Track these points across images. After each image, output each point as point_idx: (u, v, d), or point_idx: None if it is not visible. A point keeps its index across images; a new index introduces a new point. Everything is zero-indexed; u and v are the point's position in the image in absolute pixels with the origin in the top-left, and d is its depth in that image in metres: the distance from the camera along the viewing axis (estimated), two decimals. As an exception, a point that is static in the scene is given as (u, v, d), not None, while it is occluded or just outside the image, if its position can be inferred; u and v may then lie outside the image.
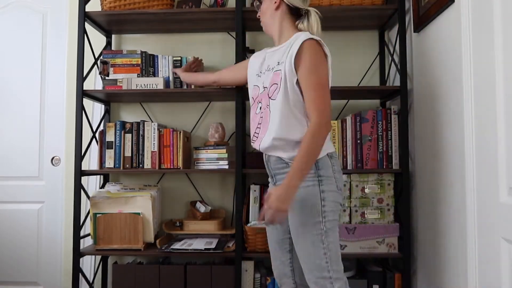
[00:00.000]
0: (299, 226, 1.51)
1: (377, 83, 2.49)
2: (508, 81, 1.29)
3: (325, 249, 1.48)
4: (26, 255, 2.59)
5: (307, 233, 1.49)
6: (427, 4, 1.88)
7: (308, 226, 1.49)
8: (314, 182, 1.50)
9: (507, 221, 1.29)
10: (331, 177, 1.52)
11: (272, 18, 1.64)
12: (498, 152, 1.33)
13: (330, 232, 1.50)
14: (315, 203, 1.49)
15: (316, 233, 1.48)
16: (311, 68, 1.48)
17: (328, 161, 1.53)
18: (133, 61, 2.30)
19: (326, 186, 1.50)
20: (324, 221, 1.49)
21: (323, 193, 1.50)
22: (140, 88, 2.23)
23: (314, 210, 1.49)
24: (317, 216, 1.49)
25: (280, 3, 1.61)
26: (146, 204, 2.19)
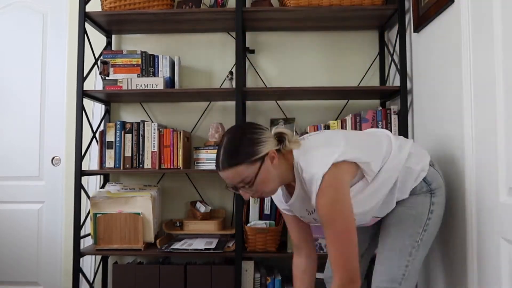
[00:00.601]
0: (393, 231, 1.42)
1: (377, 83, 2.49)
2: (508, 81, 1.29)
3: (409, 262, 1.40)
4: (26, 255, 2.59)
5: (399, 238, 1.41)
6: (427, 4, 1.88)
7: (405, 233, 1.41)
8: (425, 194, 1.43)
9: (507, 221, 1.29)
10: (441, 185, 1.46)
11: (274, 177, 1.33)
12: (498, 152, 1.33)
13: (423, 246, 1.42)
14: (421, 212, 1.41)
15: (409, 243, 1.40)
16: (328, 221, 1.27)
17: (434, 171, 1.45)
18: (133, 61, 2.30)
19: (437, 198, 1.44)
20: (423, 234, 1.41)
21: (433, 205, 1.43)
22: (140, 88, 2.23)
23: (417, 220, 1.41)
24: (418, 226, 1.41)
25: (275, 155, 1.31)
26: (146, 204, 2.19)
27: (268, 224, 2.17)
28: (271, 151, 1.29)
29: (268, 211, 2.24)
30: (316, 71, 2.51)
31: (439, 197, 1.45)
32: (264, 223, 2.19)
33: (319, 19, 2.29)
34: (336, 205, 1.26)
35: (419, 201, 1.42)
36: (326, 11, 2.17)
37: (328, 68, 2.50)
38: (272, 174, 1.30)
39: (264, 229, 2.12)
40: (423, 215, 1.41)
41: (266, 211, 2.25)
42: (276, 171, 1.32)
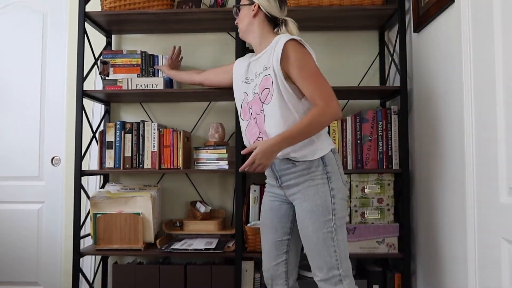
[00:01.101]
0: (310, 224, 1.52)
1: (377, 83, 2.49)
2: (508, 81, 1.29)
3: (335, 246, 1.51)
4: (26, 255, 2.59)
5: (318, 231, 1.51)
6: (427, 4, 1.88)
7: (319, 224, 1.51)
8: (323, 180, 1.54)
9: (507, 221, 1.29)
10: (336, 172, 1.56)
11: (251, 25, 1.66)
12: (498, 152, 1.33)
13: (340, 229, 1.53)
14: (325, 200, 1.52)
15: (327, 231, 1.51)
16: (300, 64, 1.52)
17: (332, 156, 1.57)
18: (133, 61, 2.30)
19: (334, 183, 1.54)
20: (334, 219, 1.52)
21: (333, 190, 1.53)
22: (140, 88, 2.23)
23: (324, 208, 1.51)
24: (327, 214, 1.51)
25: (258, 11, 1.64)
26: (146, 204, 2.19)
27: (268, 224, 2.17)
28: (257, 3, 1.64)
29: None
30: (316, 71, 2.51)
31: (336, 182, 1.55)
32: (264, 223, 2.18)
33: (319, 19, 2.29)
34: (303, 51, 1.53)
35: (319, 190, 1.53)
36: (326, 11, 2.17)
37: (328, 68, 2.50)
38: (248, 18, 1.66)
39: (264, 229, 2.12)
40: (327, 202, 1.52)
41: (266, 211, 2.24)
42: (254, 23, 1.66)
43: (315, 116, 1.48)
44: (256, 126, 1.62)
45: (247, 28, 1.68)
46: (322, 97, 1.49)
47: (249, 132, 1.65)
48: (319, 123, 1.49)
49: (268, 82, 1.56)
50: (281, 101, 1.53)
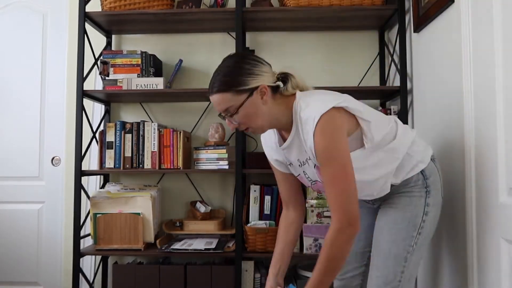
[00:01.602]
0: (387, 235, 1.37)
1: (377, 83, 2.49)
2: (508, 81, 1.29)
3: (405, 267, 1.34)
4: (26, 255, 2.59)
5: (393, 245, 1.35)
6: (427, 4, 1.88)
7: (399, 238, 1.35)
8: (421, 193, 1.36)
9: (507, 221, 1.29)
10: (438, 183, 1.39)
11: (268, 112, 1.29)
12: (498, 152, 1.33)
13: (418, 250, 1.36)
14: (415, 215, 1.35)
15: (403, 248, 1.34)
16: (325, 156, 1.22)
17: (433, 166, 1.40)
18: (133, 61, 2.30)
19: (432, 199, 1.37)
20: (418, 238, 1.35)
21: (428, 206, 1.36)
22: (140, 88, 2.23)
23: (411, 223, 1.34)
24: (412, 230, 1.34)
25: (266, 91, 1.27)
26: (146, 204, 2.19)
27: (268, 224, 2.17)
28: (262, 85, 1.25)
29: (268, 211, 2.24)
30: (316, 71, 2.51)
31: (434, 197, 1.38)
32: (264, 223, 2.19)
33: (319, 19, 2.29)
34: (333, 143, 1.21)
35: (413, 202, 1.36)
36: (326, 11, 2.17)
37: (328, 68, 2.50)
38: (260, 109, 1.26)
39: (264, 229, 2.12)
40: (418, 217, 1.35)
41: (266, 211, 2.25)
42: (267, 109, 1.27)
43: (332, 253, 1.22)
44: None
45: (270, 118, 1.29)
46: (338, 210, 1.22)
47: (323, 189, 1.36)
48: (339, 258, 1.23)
49: None
50: None
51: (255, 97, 1.25)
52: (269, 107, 1.28)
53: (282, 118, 1.31)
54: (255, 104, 1.25)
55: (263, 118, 1.28)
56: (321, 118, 1.20)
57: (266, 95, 1.26)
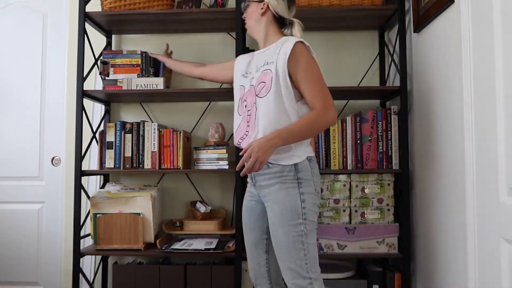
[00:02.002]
0: (280, 227, 1.52)
1: (377, 83, 2.49)
2: (508, 81, 1.29)
3: (305, 250, 1.51)
4: (26, 255, 2.59)
5: (288, 234, 1.51)
6: (427, 4, 1.88)
7: (289, 227, 1.51)
8: (293, 185, 1.54)
9: (507, 221, 1.29)
10: (309, 180, 1.56)
11: (258, 22, 1.68)
12: (498, 152, 1.33)
13: (310, 233, 1.52)
14: (295, 204, 1.52)
15: (297, 234, 1.50)
16: (308, 67, 1.55)
17: (307, 164, 1.57)
18: (133, 61, 2.29)
19: (305, 189, 1.54)
20: (305, 223, 1.52)
21: (303, 195, 1.53)
22: (140, 88, 2.23)
23: (294, 212, 1.51)
24: (297, 217, 1.51)
25: (266, 10, 1.66)
26: (146, 204, 2.19)
27: (268, 224, 2.17)
28: (266, 3, 1.65)
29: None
30: (316, 71, 2.51)
31: (306, 187, 1.54)
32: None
33: (319, 19, 2.29)
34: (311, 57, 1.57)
35: (289, 194, 1.53)
36: (326, 11, 2.17)
37: (328, 68, 2.50)
38: (256, 16, 1.68)
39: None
40: (297, 206, 1.52)
41: (266, 211, 2.24)
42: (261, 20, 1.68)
43: (314, 118, 1.51)
44: (245, 122, 1.63)
45: (255, 25, 1.70)
46: (322, 102, 1.52)
47: (238, 129, 1.66)
48: (317, 127, 1.52)
49: (267, 77, 1.57)
50: (277, 98, 1.54)
51: (258, 5, 1.67)
52: (263, 22, 1.68)
53: (269, 38, 1.68)
54: (255, 10, 1.68)
55: (254, 23, 1.69)
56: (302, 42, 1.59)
57: (264, 10, 1.66)
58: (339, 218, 2.13)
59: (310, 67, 1.55)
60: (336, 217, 2.13)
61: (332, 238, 2.10)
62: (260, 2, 1.67)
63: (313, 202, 1.55)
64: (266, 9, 1.66)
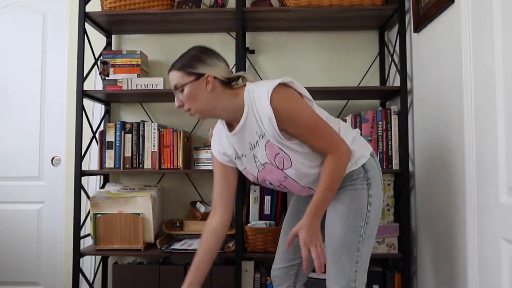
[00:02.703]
0: (339, 228, 1.43)
1: (377, 83, 2.49)
2: (508, 81, 1.29)
3: (358, 257, 1.42)
4: (26, 255, 2.59)
5: (345, 236, 1.42)
6: (427, 4, 1.88)
7: (349, 230, 1.42)
8: (363, 186, 1.45)
9: (507, 221, 1.29)
10: (377, 176, 1.48)
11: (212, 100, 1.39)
12: (498, 152, 1.33)
13: (367, 240, 1.44)
14: (361, 206, 1.43)
15: (355, 239, 1.41)
16: (294, 120, 1.35)
17: (373, 161, 1.49)
18: (133, 61, 2.29)
19: (374, 190, 1.45)
20: (366, 227, 1.43)
21: (371, 197, 1.45)
22: (140, 88, 2.23)
23: (358, 214, 1.42)
24: (360, 220, 1.42)
25: (213, 81, 1.38)
26: (146, 204, 2.19)
27: (268, 224, 2.17)
28: (208, 74, 1.38)
29: (268, 211, 2.24)
30: (316, 71, 2.51)
31: (375, 188, 1.46)
32: (264, 223, 2.19)
33: (319, 19, 2.29)
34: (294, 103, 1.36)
35: (357, 195, 1.44)
36: (326, 11, 2.17)
37: (328, 68, 2.50)
38: (201, 94, 1.38)
39: (264, 229, 2.12)
40: (363, 208, 1.43)
41: (266, 211, 2.25)
42: (212, 96, 1.39)
43: (334, 171, 1.37)
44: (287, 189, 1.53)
45: (209, 106, 1.40)
46: (330, 147, 1.38)
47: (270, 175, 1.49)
48: (340, 176, 1.39)
49: (275, 148, 1.40)
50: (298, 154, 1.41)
51: (200, 82, 1.38)
52: (215, 96, 1.39)
53: (231, 108, 1.42)
54: (198, 88, 1.38)
55: (203, 103, 1.40)
56: (274, 91, 1.34)
57: (210, 84, 1.38)
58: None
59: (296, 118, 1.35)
60: (336, 217, 2.12)
61: (332, 238, 2.09)
62: (201, 77, 1.37)
63: (379, 206, 1.46)
64: (213, 81, 1.38)
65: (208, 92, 1.38)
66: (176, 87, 1.40)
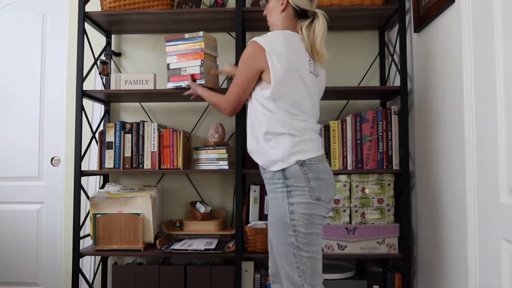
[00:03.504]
0: (272, 237, 1.50)
1: (377, 83, 2.49)
2: (508, 81, 1.29)
3: (298, 263, 1.44)
4: (26, 255, 2.59)
5: (279, 245, 1.47)
6: (427, 4, 1.87)
7: (279, 238, 1.46)
8: (283, 194, 1.47)
9: (507, 221, 1.28)
10: (303, 186, 1.45)
11: (277, 19, 1.63)
12: (498, 152, 1.33)
13: (304, 246, 1.44)
14: (283, 216, 1.45)
15: (288, 247, 1.45)
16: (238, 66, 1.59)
17: (298, 170, 1.46)
18: (196, 45, 2.06)
19: (295, 198, 1.44)
20: (295, 235, 1.43)
21: (292, 205, 1.44)
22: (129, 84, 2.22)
23: (283, 224, 1.45)
24: (286, 229, 1.45)
25: (286, 5, 1.60)
26: (146, 205, 2.19)
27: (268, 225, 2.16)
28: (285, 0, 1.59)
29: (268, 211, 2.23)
30: (316, 71, 2.50)
31: (297, 197, 1.44)
32: (264, 223, 2.19)
33: (319, 19, 2.28)
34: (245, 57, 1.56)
35: (279, 203, 1.47)
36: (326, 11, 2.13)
37: (328, 68, 2.50)
38: (275, 11, 1.63)
39: (264, 229, 2.11)
40: (286, 218, 1.44)
41: (266, 211, 2.24)
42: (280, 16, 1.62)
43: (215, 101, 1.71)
44: None
45: (275, 22, 1.66)
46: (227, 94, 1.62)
47: None
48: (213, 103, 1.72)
49: None
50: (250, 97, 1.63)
51: (278, 2, 1.62)
52: (283, 17, 1.62)
53: None
54: (275, 6, 1.63)
55: (273, 19, 1.66)
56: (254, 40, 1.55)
57: (283, 5, 1.60)
58: (339, 218, 2.12)
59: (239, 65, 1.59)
60: (336, 217, 2.12)
61: (332, 238, 2.10)
62: None
63: (305, 212, 1.44)
64: (287, 4, 1.60)
65: (280, 12, 1.62)
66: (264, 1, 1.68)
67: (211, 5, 2.32)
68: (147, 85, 2.23)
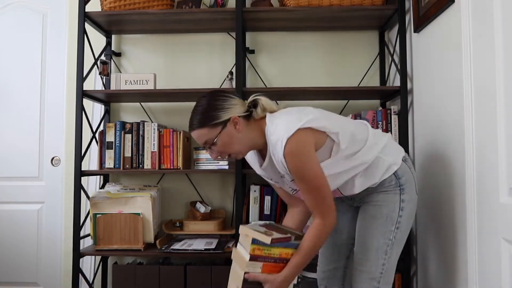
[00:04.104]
0: (369, 230, 1.46)
1: (377, 83, 2.49)
2: (508, 81, 1.29)
3: (385, 260, 1.44)
4: (26, 255, 2.59)
5: (374, 238, 1.45)
6: (427, 4, 1.87)
7: (378, 232, 1.44)
8: (395, 192, 1.46)
9: (507, 222, 1.28)
10: (411, 181, 1.47)
11: (243, 140, 1.41)
12: (498, 152, 1.33)
13: (397, 244, 1.46)
14: (392, 211, 1.44)
15: (384, 242, 1.44)
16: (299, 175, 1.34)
17: (405, 166, 1.48)
18: None
19: (407, 195, 1.46)
20: (396, 232, 1.44)
21: (403, 202, 1.45)
22: (129, 84, 2.22)
23: (389, 218, 1.44)
24: (390, 225, 1.44)
25: (239, 121, 1.39)
26: (146, 205, 2.19)
27: (268, 225, 2.16)
28: (233, 117, 1.38)
29: (268, 211, 2.24)
30: (316, 71, 2.51)
31: (409, 194, 1.46)
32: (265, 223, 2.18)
33: (319, 19, 2.29)
34: (303, 163, 1.32)
35: (389, 199, 1.45)
36: (326, 11, 2.17)
37: (328, 68, 2.50)
38: (236, 137, 1.39)
39: (264, 229, 2.11)
40: (394, 212, 1.44)
41: (266, 211, 2.24)
42: (242, 135, 1.40)
43: (316, 240, 1.36)
44: None
45: (246, 144, 1.42)
46: (319, 212, 1.36)
47: None
48: (320, 245, 1.39)
49: None
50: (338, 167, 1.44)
51: (229, 128, 1.39)
52: (244, 134, 1.41)
53: (259, 140, 1.43)
54: (229, 134, 1.39)
55: (240, 144, 1.41)
56: (288, 142, 1.31)
57: (238, 124, 1.39)
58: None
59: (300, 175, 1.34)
60: (336, 217, 2.12)
61: (332, 238, 2.09)
62: (227, 123, 1.38)
63: (411, 211, 1.47)
64: (239, 121, 1.39)
65: (240, 133, 1.39)
66: (207, 143, 1.40)
67: (211, 5, 2.32)
68: (147, 85, 2.23)
